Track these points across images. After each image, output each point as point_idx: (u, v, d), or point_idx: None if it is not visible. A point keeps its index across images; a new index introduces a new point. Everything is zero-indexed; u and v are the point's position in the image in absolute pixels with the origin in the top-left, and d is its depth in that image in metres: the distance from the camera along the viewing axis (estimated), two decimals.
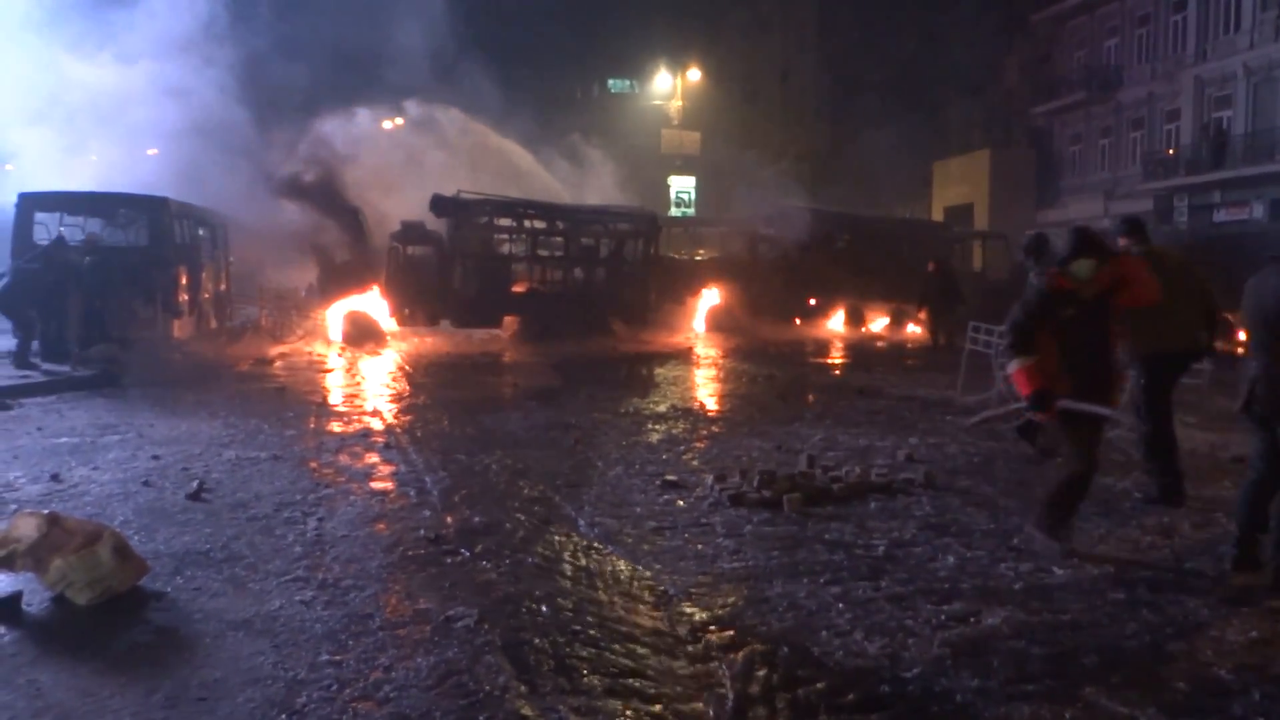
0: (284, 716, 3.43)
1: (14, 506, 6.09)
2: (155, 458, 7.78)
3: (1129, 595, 4.79)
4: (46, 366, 13.40)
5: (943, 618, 4.43)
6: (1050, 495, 5.56)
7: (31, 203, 15.63)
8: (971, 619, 4.43)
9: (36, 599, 4.51)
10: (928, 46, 37.97)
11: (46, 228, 15.63)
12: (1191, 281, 6.85)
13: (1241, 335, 8.10)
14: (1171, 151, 31.72)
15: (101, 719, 3.43)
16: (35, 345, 13.76)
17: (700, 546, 5.55)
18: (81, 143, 18.67)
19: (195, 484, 6.72)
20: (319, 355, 16.98)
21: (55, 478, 7.02)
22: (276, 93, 21.04)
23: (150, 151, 23.49)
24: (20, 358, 13.42)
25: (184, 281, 16.75)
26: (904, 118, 38.89)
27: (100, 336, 14.21)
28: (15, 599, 4.43)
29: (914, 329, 23.82)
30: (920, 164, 40.53)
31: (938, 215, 38.37)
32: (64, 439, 8.66)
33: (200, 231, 18.09)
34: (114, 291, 14.63)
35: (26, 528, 4.64)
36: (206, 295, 18.34)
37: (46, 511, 4.91)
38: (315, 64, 22.96)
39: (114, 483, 6.94)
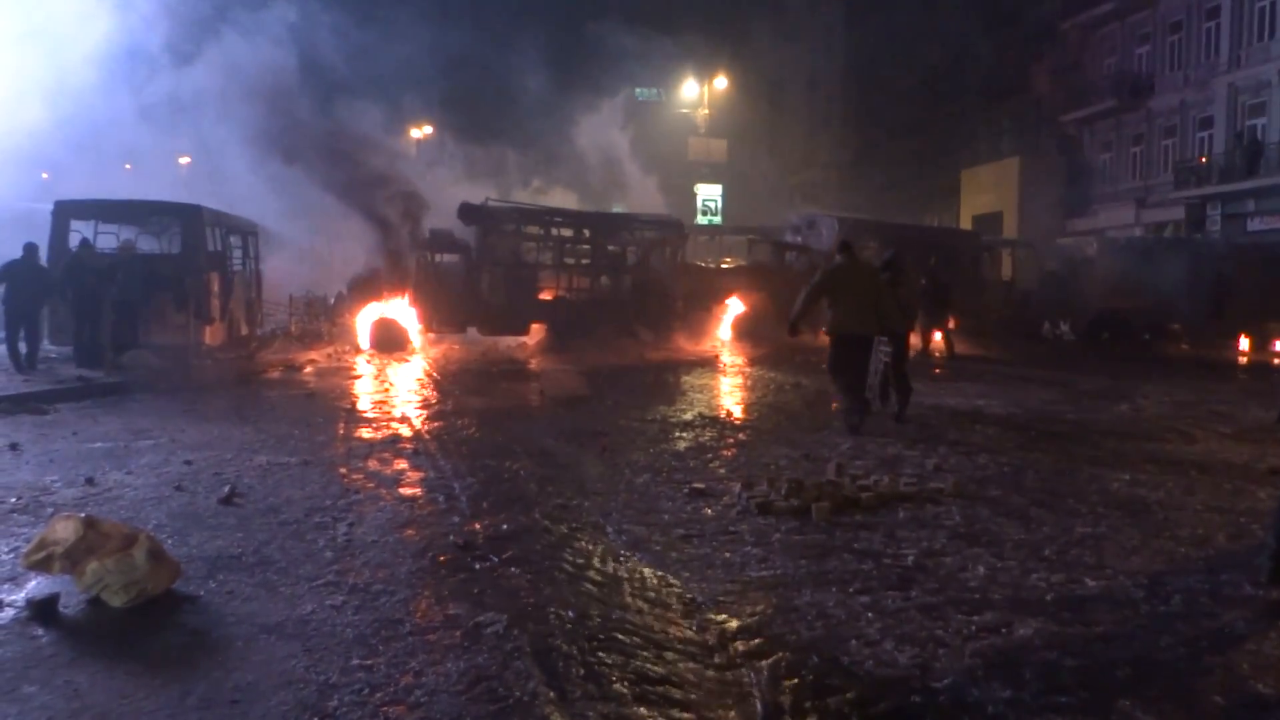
0: None
1: (51, 510, 6.19)
2: (188, 463, 7.87)
3: (1163, 607, 4.73)
4: (79, 372, 13.61)
5: (974, 628, 4.40)
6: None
7: (68, 210, 15.92)
8: (1003, 630, 4.39)
9: (73, 601, 4.57)
10: (956, 54, 37.78)
11: (82, 235, 15.90)
12: (873, 287, 9.78)
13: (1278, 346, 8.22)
14: (1204, 159, 31.38)
15: None
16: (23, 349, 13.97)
17: (728, 554, 5.54)
18: (117, 151, 18.99)
19: (227, 489, 6.79)
20: (348, 362, 17.11)
21: (90, 482, 7.11)
22: (308, 96, 21.32)
23: (182, 160, 23.84)
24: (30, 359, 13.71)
25: (216, 288, 16.96)
26: (932, 125, 38.72)
27: (129, 341, 14.39)
28: (53, 601, 4.50)
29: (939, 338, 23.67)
30: (948, 172, 40.33)
31: (965, 223, 38.17)
32: (98, 444, 8.78)
33: (232, 239, 18.31)
34: (136, 297, 14.78)
35: (64, 531, 4.70)
36: (238, 302, 18.55)
37: (83, 515, 4.97)
38: (345, 72, 23.25)
39: (147, 487, 7.02)
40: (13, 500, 6.57)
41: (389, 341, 19.29)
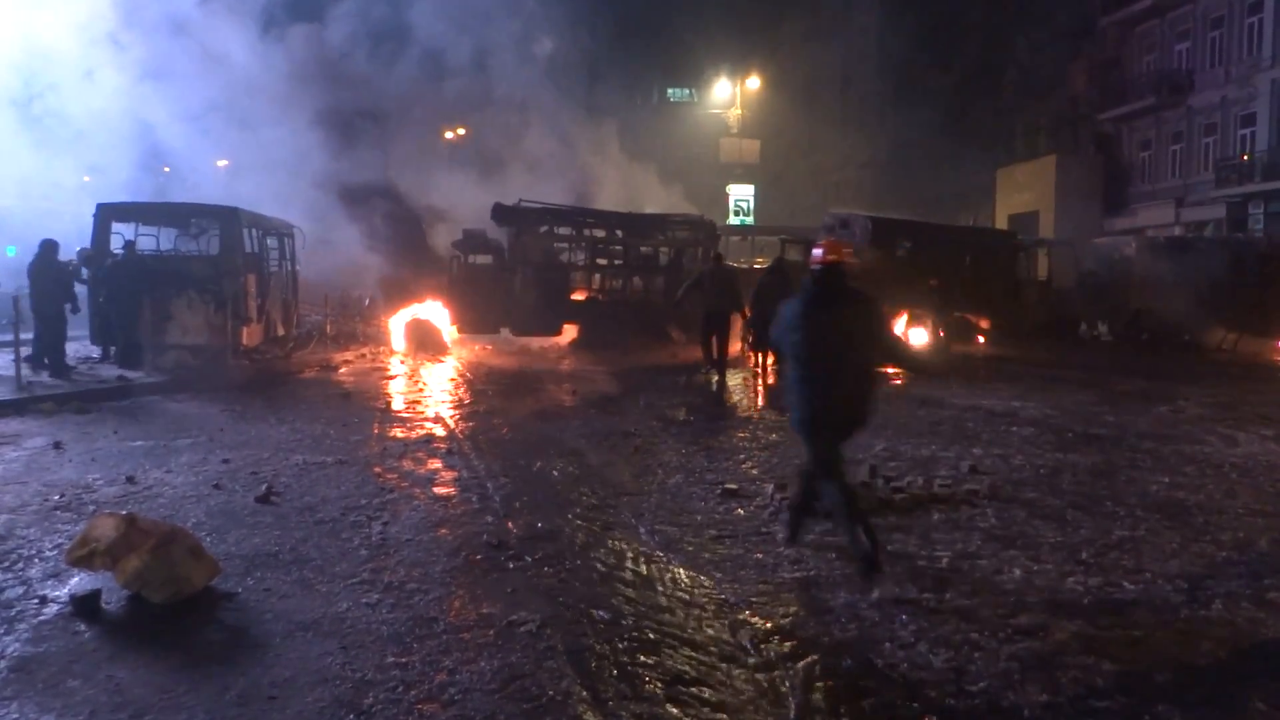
0: (352, 716, 3.50)
1: (93, 507, 6.30)
2: (225, 461, 7.97)
3: (1203, 612, 4.66)
4: (120, 372, 13.81)
5: (1009, 631, 4.36)
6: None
7: (109, 212, 16.16)
8: (1039, 633, 4.35)
9: (114, 597, 4.65)
10: (992, 51, 37.41)
11: (123, 236, 16.15)
12: (726, 283, 14.29)
13: None
14: (1246, 157, 30.84)
15: (177, 715, 3.52)
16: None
17: (761, 555, 5.53)
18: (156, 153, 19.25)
19: (264, 487, 6.87)
20: (382, 362, 17.24)
21: (131, 480, 7.23)
22: (340, 101, 21.47)
23: (220, 163, 24.13)
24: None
25: (253, 289, 17.13)
26: (967, 124, 38.35)
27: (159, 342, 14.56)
28: (95, 597, 4.58)
29: (980, 340, 23.46)
30: (984, 170, 39.92)
31: (1001, 222, 37.74)
32: (139, 442, 8.91)
33: (269, 240, 18.50)
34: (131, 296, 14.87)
35: (105, 528, 4.78)
36: (274, 303, 18.72)
37: (124, 512, 5.05)
38: (377, 72, 23.42)
39: (186, 485, 7.12)
40: (56, 498, 6.69)
41: (422, 342, 19.39)
